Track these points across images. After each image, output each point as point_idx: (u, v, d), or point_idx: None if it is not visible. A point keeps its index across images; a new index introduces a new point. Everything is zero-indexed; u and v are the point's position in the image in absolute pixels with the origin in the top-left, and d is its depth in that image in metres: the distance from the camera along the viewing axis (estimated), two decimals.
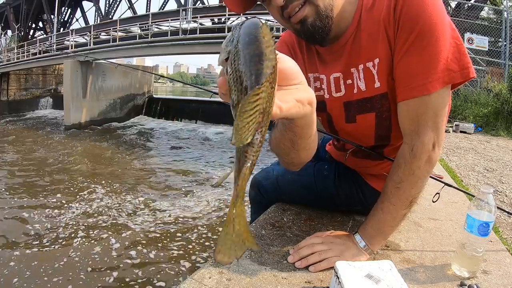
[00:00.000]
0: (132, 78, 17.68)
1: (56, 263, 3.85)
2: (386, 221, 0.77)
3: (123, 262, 3.91)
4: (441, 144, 0.72)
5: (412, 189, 0.73)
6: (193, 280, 0.75)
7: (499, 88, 6.01)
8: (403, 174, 0.72)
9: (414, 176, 0.71)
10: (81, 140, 12.06)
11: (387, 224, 0.77)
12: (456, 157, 3.44)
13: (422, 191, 0.76)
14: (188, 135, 13.74)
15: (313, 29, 0.70)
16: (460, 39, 0.68)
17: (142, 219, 5.16)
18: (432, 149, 0.71)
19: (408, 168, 0.71)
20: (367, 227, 0.79)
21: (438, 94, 0.68)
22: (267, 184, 1.20)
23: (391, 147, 0.87)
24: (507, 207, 2.11)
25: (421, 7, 0.65)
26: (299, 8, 0.68)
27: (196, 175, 7.91)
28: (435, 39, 0.65)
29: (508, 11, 8.12)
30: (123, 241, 4.42)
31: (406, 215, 0.77)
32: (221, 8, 13.45)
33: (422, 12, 0.65)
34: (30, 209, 5.44)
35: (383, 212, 0.76)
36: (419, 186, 0.74)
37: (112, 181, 7.27)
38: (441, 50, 0.65)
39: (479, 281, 0.81)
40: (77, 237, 4.48)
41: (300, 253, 0.80)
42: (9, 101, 18.38)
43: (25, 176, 7.38)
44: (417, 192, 0.74)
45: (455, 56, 0.67)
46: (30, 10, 22.31)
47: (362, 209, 1.05)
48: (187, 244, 4.39)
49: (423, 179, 0.73)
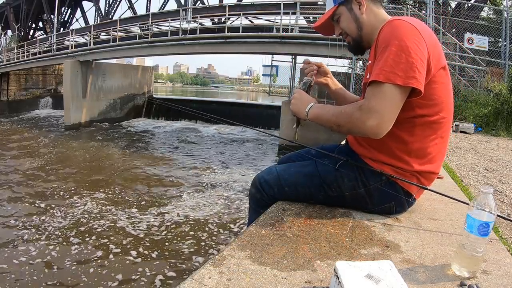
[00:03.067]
0: (132, 78, 17.69)
1: (55, 263, 3.86)
2: (324, 113, 1.10)
3: (123, 262, 3.91)
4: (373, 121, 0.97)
5: (343, 119, 1.04)
6: (193, 280, 0.75)
7: (499, 88, 6.00)
8: (348, 110, 1.03)
9: (349, 117, 1.02)
10: (81, 140, 12.06)
11: (324, 116, 1.10)
12: (456, 157, 3.44)
13: (343, 126, 1.06)
14: (188, 135, 13.75)
15: (352, 47, 1.23)
16: (418, 58, 0.96)
17: (143, 220, 5.16)
18: (365, 118, 0.99)
19: (351, 111, 1.02)
20: (319, 105, 1.14)
21: (382, 86, 0.97)
22: (269, 178, 1.22)
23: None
24: (507, 207, 2.11)
25: (389, 32, 1.01)
26: (346, 36, 1.21)
27: (197, 175, 7.91)
28: (392, 52, 0.97)
29: (508, 11, 8.12)
30: (123, 241, 4.43)
31: (331, 125, 1.08)
32: (221, 8, 13.47)
33: (389, 34, 1.00)
34: (31, 210, 5.44)
35: (329, 111, 1.09)
36: (345, 124, 1.04)
37: (113, 180, 7.27)
38: (393, 59, 0.97)
39: (479, 281, 0.81)
40: (76, 237, 4.48)
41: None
42: (9, 101, 18.36)
43: (25, 176, 7.38)
44: (342, 124, 1.04)
45: (404, 67, 0.96)
46: (30, 10, 22.27)
47: (365, 190, 1.14)
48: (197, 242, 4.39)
49: (350, 125, 1.03)
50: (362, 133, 1.01)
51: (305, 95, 1.18)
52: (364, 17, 1.14)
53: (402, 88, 0.97)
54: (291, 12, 10.72)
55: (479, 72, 7.71)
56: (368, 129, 0.98)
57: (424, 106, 1.06)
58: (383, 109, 0.97)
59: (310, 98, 1.17)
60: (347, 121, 1.02)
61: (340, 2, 1.16)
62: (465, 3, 9.93)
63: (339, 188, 1.15)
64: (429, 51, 1.00)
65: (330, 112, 1.08)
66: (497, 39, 8.42)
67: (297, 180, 1.19)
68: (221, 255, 0.86)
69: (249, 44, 11.30)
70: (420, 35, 0.98)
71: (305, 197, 1.21)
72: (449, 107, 1.10)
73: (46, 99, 20.23)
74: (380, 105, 0.97)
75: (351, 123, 1.01)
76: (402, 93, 0.98)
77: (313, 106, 1.13)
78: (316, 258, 0.87)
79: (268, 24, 12.57)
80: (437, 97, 1.06)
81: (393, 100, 0.97)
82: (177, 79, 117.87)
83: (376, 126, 0.97)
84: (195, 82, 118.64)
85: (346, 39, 1.21)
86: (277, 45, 10.67)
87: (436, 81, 1.04)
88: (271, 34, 10.85)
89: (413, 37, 0.98)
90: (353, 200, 1.17)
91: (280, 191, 1.20)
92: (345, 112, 1.03)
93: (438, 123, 1.09)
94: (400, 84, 0.96)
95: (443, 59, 1.06)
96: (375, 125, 0.97)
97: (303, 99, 1.17)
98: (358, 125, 0.99)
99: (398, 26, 1.01)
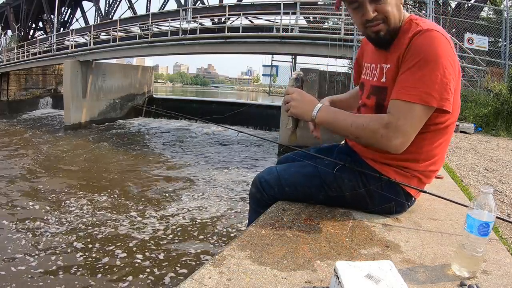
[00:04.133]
0: (132, 78, 17.68)
1: (56, 265, 3.86)
2: (339, 121, 1.04)
3: (124, 262, 3.91)
4: (398, 140, 0.96)
5: (365, 134, 1.00)
6: (193, 280, 0.75)
7: (499, 88, 6.00)
8: (372, 125, 0.98)
9: (374, 133, 0.98)
10: (81, 140, 12.07)
11: (339, 123, 1.04)
12: (456, 157, 3.44)
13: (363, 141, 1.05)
14: (188, 134, 13.75)
15: (382, 39, 1.04)
16: (451, 78, 0.93)
17: (143, 219, 5.16)
18: (392, 136, 0.96)
19: (377, 128, 0.98)
20: (330, 109, 1.08)
21: (413, 106, 0.94)
22: (269, 178, 1.21)
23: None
24: (507, 207, 2.11)
25: (427, 45, 0.93)
26: (378, 23, 1.00)
27: (197, 174, 7.91)
28: (428, 70, 0.92)
29: (508, 11, 8.12)
30: (124, 241, 4.43)
31: (347, 135, 1.05)
32: (221, 8, 13.45)
33: (427, 47, 0.93)
34: (31, 209, 5.44)
35: (345, 119, 1.03)
36: (367, 139, 1.01)
37: (113, 181, 7.27)
38: (429, 79, 0.92)
39: (479, 281, 0.81)
40: (76, 237, 4.48)
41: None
42: (9, 101, 18.36)
43: (25, 176, 7.38)
44: (364, 138, 1.01)
45: (439, 88, 0.92)
46: (30, 10, 22.25)
47: (365, 190, 1.12)
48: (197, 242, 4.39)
49: (372, 140, 0.99)
50: (384, 148, 1.00)
51: (305, 94, 1.10)
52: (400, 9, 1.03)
53: (430, 108, 0.96)
54: (291, 12, 10.73)
55: (479, 72, 7.70)
56: (393, 147, 0.97)
57: (440, 115, 1.04)
58: (411, 130, 0.96)
59: (313, 97, 1.10)
60: (369, 136, 0.99)
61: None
62: (465, 3, 9.93)
63: (339, 188, 1.15)
64: (458, 65, 0.99)
65: (347, 122, 1.02)
66: (497, 39, 8.42)
67: (297, 180, 1.19)
68: (221, 255, 0.86)
69: (249, 44, 11.30)
70: (452, 50, 0.95)
71: (305, 197, 1.21)
72: (458, 111, 1.10)
73: (46, 99, 20.23)
74: (409, 126, 0.96)
75: (375, 139, 0.99)
76: (428, 112, 0.97)
77: (321, 109, 1.06)
78: (316, 258, 0.87)
79: (268, 24, 12.56)
80: (452, 104, 1.04)
81: (422, 120, 0.97)
82: (177, 79, 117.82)
83: (400, 144, 0.97)
84: (195, 82, 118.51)
85: (376, 27, 1.01)
86: (277, 45, 10.67)
87: (455, 91, 1.02)
88: (271, 34, 10.85)
89: (448, 54, 0.94)
90: (353, 200, 1.17)
91: (280, 191, 1.20)
92: (367, 127, 0.99)
93: (447, 128, 1.09)
94: (434, 106, 0.94)
95: (459, 66, 1.02)
96: (399, 144, 0.97)
97: (306, 99, 1.08)
98: (383, 142, 0.98)
99: (436, 40, 0.94)
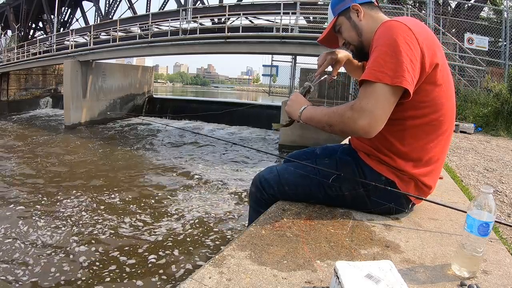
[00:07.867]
0: (132, 78, 17.68)
1: (57, 264, 3.86)
2: (317, 114, 1.11)
3: (123, 262, 3.91)
4: (365, 120, 0.97)
5: (335, 119, 1.04)
6: (193, 280, 0.75)
7: (499, 88, 6.01)
8: (340, 110, 1.03)
9: (341, 116, 1.02)
10: (81, 140, 12.06)
11: (316, 116, 1.11)
12: (456, 157, 3.44)
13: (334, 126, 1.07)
14: (188, 134, 13.73)
15: (355, 55, 1.26)
16: (408, 58, 0.96)
17: (143, 219, 5.16)
18: (357, 117, 0.99)
19: (343, 111, 1.02)
20: (313, 107, 1.16)
21: (373, 85, 0.97)
22: (269, 177, 1.22)
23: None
24: (507, 207, 2.11)
25: (383, 32, 1.01)
26: (349, 45, 1.22)
27: (196, 174, 7.91)
28: (383, 52, 0.98)
29: (508, 11, 8.12)
30: (124, 241, 4.43)
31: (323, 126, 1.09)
32: (221, 8, 13.45)
33: (383, 34, 1.01)
34: (31, 210, 5.44)
35: (322, 111, 1.10)
36: (337, 124, 1.04)
37: (113, 180, 7.27)
38: (383, 58, 0.97)
39: (479, 281, 0.81)
40: (75, 237, 4.48)
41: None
42: (9, 101, 18.35)
43: (24, 177, 7.38)
44: (334, 125, 1.05)
45: (392, 66, 0.96)
46: (30, 10, 22.25)
47: (364, 190, 1.14)
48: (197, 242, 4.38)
49: (341, 125, 1.03)
50: (354, 132, 1.02)
51: (301, 97, 1.21)
52: (363, 23, 1.15)
53: (393, 88, 0.96)
54: (291, 12, 10.72)
55: (479, 72, 7.71)
56: (359, 128, 0.98)
57: (419, 107, 1.04)
58: (374, 108, 0.97)
59: (305, 100, 1.20)
60: (339, 120, 1.02)
61: (339, 13, 1.17)
62: (465, 3, 9.94)
63: (339, 188, 1.16)
64: (423, 51, 0.98)
65: (322, 112, 1.09)
66: (497, 39, 8.43)
67: (297, 180, 1.20)
68: (221, 255, 0.86)
69: (249, 44, 11.30)
70: (412, 34, 0.98)
71: (305, 197, 1.21)
72: (448, 108, 1.08)
73: (46, 99, 20.22)
74: (370, 104, 0.97)
75: (343, 123, 1.01)
76: (393, 93, 0.97)
77: (306, 107, 1.15)
78: (316, 258, 0.87)
79: (268, 24, 12.56)
80: (434, 97, 1.04)
81: (384, 99, 0.97)
82: (177, 79, 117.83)
83: (367, 125, 0.97)
84: (195, 82, 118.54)
85: (350, 48, 1.22)
86: (277, 45, 10.67)
87: (433, 81, 1.03)
88: (271, 34, 10.85)
89: (404, 36, 0.97)
90: (353, 200, 1.17)
91: (280, 190, 1.21)
92: (337, 111, 1.04)
93: (440, 128, 1.08)
94: (388, 84, 0.96)
95: (440, 58, 1.04)
96: (366, 124, 0.97)
97: (298, 101, 1.19)
98: (350, 124, 1.00)
99: (390, 27, 1.01)
